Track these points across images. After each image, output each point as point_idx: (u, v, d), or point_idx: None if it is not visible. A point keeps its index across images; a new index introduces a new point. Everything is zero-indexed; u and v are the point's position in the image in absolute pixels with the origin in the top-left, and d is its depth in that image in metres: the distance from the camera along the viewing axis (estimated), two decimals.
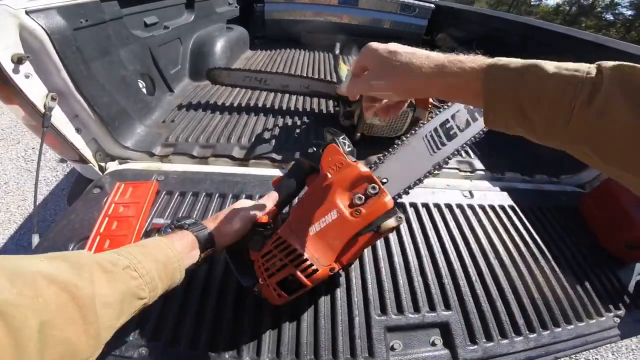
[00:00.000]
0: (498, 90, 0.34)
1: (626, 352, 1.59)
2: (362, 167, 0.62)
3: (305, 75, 1.46)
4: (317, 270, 0.56)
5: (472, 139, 0.75)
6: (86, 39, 0.99)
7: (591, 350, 1.56)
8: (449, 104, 0.79)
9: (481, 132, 0.75)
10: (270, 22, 2.65)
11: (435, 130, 0.74)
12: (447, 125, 0.74)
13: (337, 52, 1.18)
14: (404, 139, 0.75)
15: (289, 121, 1.40)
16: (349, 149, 0.68)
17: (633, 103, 0.26)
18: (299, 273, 0.57)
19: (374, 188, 0.59)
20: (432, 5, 2.63)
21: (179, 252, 0.52)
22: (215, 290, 0.72)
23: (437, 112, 0.77)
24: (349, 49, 2.49)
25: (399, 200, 0.71)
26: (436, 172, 1.15)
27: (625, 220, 0.94)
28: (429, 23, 2.71)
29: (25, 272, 0.32)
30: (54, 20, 0.86)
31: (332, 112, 1.52)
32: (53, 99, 0.88)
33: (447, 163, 0.73)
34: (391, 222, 0.59)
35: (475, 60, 0.36)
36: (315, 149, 0.69)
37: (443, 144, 0.73)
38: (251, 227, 0.64)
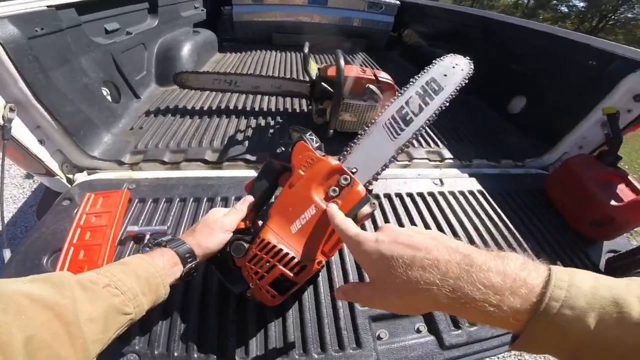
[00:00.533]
0: (548, 334, 0.25)
1: None
2: (332, 161, 0.64)
3: (276, 75, 1.47)
4: (305, 266, 0.58)
5: (427, 121, 0.79)
6: (43, 48, 0.95)
7: None
8: (404, 90, 0.83)
9: (434, 115, 0.80)
10: (239, 24, 2.62)
11: (393, 117, 0.78)
12: (403, 112, 0.78)
13: (307, 50, 1.19)
14: (366, 129, 0.78)
15: (262, 122, 1.39)
16: (317, 144, 0.69)
17: None
18: (288, 271, 0.58)
19: (345, 179, 0.62)
20: (398, 2, 2.69)
21: (161, 268, 0.53)
22: (197, 296, 0.72)
23: (393, 100, 0.81)
24: (319, 47, 2.52)
25: (370, 187, 0.73)
26: (406, 162, 1.20)
27: (588, 199, 0.98)
28: (396, 19, 2.77)
29: (7, 292, 0.34)
30: (7, 30, 0.83)
31: (305, 110, 1.53)
32: (11, 109, 0.84)
33: (407, 147, 0.76)
34: (366, 209, 0.62)
35: (520, 289, 0.26)
36: (283, 148, 0.70)
37: (401, 129, 0.77)
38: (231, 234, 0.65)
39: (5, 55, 0.82)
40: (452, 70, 0.87)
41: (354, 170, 0.71)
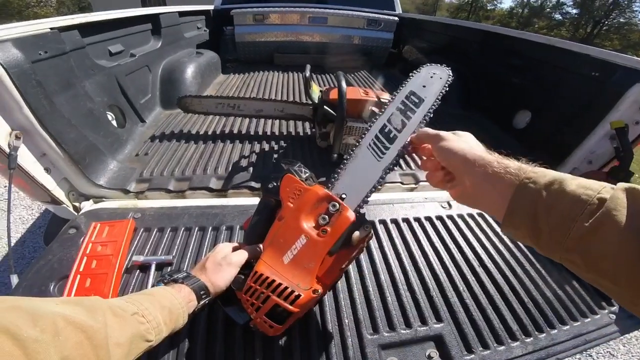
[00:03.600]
0: (522, 200, 0.38)
1: (637, 342, 1.64)
2: (320, 189, 0.65)
3: (279, 98, 1.48)
4: (299, 295, 0.58)
5: (412, 134, 0.78)
6: (47, 72, 0.95)
7: (601, 345, 1.59)
8: (384, 109, 0.83)
9: (419, 128, 0.79)
10: (242, 44, 2.67)
11: (376, 137, 0.77)
12: (386, 130, 0.78)
13: (308, 74, 1.20)
14: (351, 152, 0.78)
15: (266, 146, 1.40)
16: (306, 174, 0.71)
17: (632, 223, 0.30)
18: (282, 301, 0.58)
19: (334, 206, 0.63)
20: (396, 18, 2.74)
21: (182, 299, 0.57)
22: (203, 327, 0.71)
23: (375, 120, 0.82)
24: (321, 66, 2.55)
25: (362, 211, 0.73)
26: (412, 185, 1.19)
27: None
28: (395, 36, 2.82)
29: (45, 312, 0.36)
30: (10, 53, 0.82)
31: (309, 133, 1.53)
32: (17, 137, 0.84)
33: (395, 165, 0.76)
34: (359, 233, 0.63)
35: (518, 170, 0.40)
36: (275, 183, 0.71)
37: (386, 148, 0.75)
38: None
39: (9, 80, 0.80)
40: (431, 80, 0.86)
41: (343, 196, 0.71)
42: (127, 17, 1.50)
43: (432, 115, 0.81)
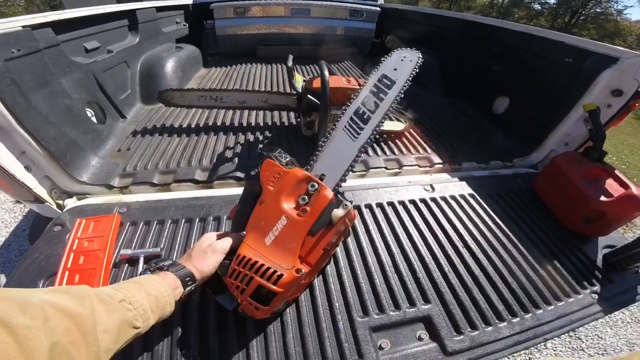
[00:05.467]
0: None
1: (622, 325, 1.70)
2: (299, 171, 0.67)
3: (262, 89, 1.47)
4: (282, 275, 0.60)
5: (384, 116, 0.81)
6: (21, 70, 0.94)
7: (588, 327, 1.64)
8: (358, 92, 0.85)
9: (391, 108, 0.82)
10: (223, 38, 2.62)
11: (351, 119, 0.81)
12: (360, 112, 0.81)
13: (290, 64, 1.20)
14: (328, 135, 0.80)
15: (251, 137, 1.39)
16: (286, 159, 0.72)
17: None
18: (264, 282, 0.59)
19: (312, 186, 0.65)
20: (378, 9, 2.74)
21: (167, 286, 0.58)
22: (196, 315, 0.72)
23: (349, 104, 0.84)
24: (305, 58, 2.53)
25: (340, 189, 0.76)
26: (396, 169, 1.22)
27: (577, 196, 0.99)
28: (377, 26, 2.83)
29: (34, 300, 0.36)
30: None
31: (294, 123, 1.53)
32: None
33: (370, 143, 0.78)
34: (339, 212, 0.65)
35: None
36: (257, 170, 0.72)
37: (361, 128, 0.79)
38: None
39: None
40: (401, 64, 0.89)
41: (321, 176, 0.74)
42: (101, 13, 1.47)
43: (402, 96, 0.84)
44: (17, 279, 0.77)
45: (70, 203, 1.02)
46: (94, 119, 1.31)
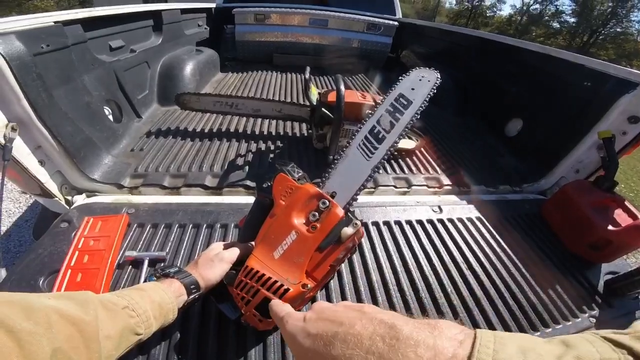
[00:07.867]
0: None
1: None
2: (311, 188, 0.67)
3: (277, 99, 1.49)
4: (288, 289, 0.60)
5: (400, 136, 0.81)
6: (48, 65, 0.95)
7: None
8: (374, 111, 0.85)
9: (406, 129, 0.82)
10: (241, 43, 2.67)
11: (366, 137, 0.81)
12: (375, 131, 0.81)
13: (307, 76, 1.21)
14: (342, 153, 0.80)
15: (262, 146, 1.40)
16: (299, 174, 0.73)
17: None
18: (271, 295, 0.59)
19: (324, 203, 0.65)
20: (396, 23, 2.76)
21: (172, 294, 0.58)
22: (196, 322, 0.72)
23: (365, 122, 0.84)
24: (317, 69, 2.56)
25: (351, 208, 0.75)
26: (404, 189, 1.21)
27: (585, 223, 0.99)
28: (394, 40, 2.84)
29: (38, 306, 0.37)
30: (13, 46, 0.82)
31: (306, 134, 1.54)
32: (13, 129, 0.84)
33: (383, 163, 0.78)
34: (349, 230, 0.65)
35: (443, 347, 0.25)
36: (269, 182, 0.73)
37: (375, 148, 0.79)
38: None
39: (9, 72, 0.81)
40: (419, 83, 0.89)
41: (333, 193, 0.73)
42: (129, 12, 1.51)
43: (419, 117, 0.84)
44: (19, 274, 0.77)
45: (79, 200, 1.04)
46: (110, 117, 1.33)
